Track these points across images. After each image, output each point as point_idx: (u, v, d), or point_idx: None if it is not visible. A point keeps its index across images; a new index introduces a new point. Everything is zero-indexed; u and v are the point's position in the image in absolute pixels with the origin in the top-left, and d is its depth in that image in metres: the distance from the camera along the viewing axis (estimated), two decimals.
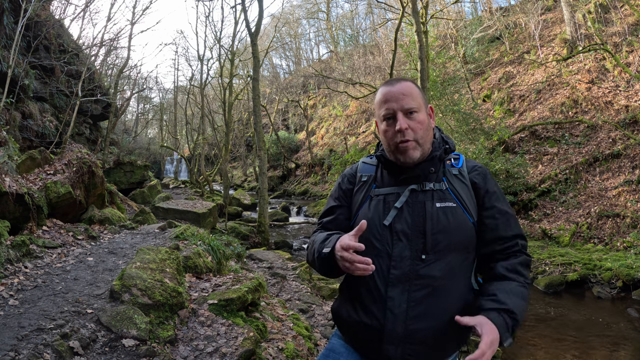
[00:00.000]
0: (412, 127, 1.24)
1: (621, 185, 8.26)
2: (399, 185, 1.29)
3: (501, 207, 1.28)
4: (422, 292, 1.19)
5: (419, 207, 1.24)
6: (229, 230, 9.91)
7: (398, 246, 1.22)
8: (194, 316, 3.01)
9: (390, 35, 23.12)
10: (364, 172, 1.40)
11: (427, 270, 1.19)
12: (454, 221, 1.22)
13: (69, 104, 11.00)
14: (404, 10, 11.18)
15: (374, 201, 1.30)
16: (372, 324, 1.22)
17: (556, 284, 6.33)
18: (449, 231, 1.21)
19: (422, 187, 1.26)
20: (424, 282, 1.19)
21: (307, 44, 41.82)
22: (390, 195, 1.29)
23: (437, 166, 1.29)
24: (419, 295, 1.18)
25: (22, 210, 4.30)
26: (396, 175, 1.31)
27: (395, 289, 1.19)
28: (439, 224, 1.21)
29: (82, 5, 14.76)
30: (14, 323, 2.41)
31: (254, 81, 10.83)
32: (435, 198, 1.24)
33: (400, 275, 1.20)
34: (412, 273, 1.20)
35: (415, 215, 1.23)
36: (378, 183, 1.34)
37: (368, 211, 1.29)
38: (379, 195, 1.31)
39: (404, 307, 1.18)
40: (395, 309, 1.19)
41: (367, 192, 1.35)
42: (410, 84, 1.29)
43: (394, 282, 1.20)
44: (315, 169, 22.12)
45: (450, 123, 11.61)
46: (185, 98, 28.28)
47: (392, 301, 1.19)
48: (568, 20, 13.40)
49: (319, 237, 1.32)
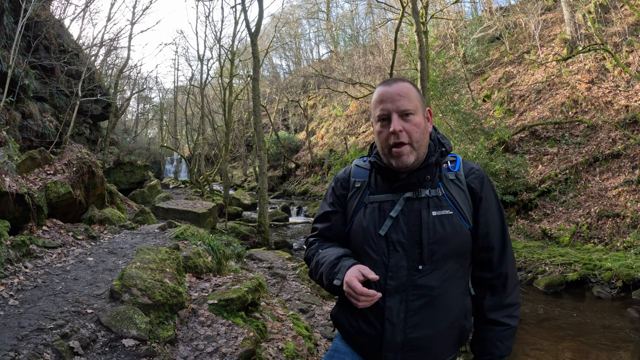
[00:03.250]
0: (407, 130, 1.20)
1: (621, 185, 8.26)
2: (393, 192, 1.26)
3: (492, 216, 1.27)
4: (419, 301, 1.18)
5: (414, 216, 1.21)
6: (229, 230, 9.91)
7: (394, 256, 1.20)
8: (194, 316, 3.01)
9: (390, 35, 23.13)
10: (358, 178, 1.35)
11: (424, 281, 1.18)
12: (450, 230, 1.20)
13: (69, 104, 11.00)
14: (404, 10, 11.18)
15: (369, 209, 1.27)
16: (371, 332, 1.23)
17: (556, 284, 6.33)
18: (446, 240, 1.19)
19: (417, 195, 1.23)
20: (421, 292, 1.18)
21: (307, 44, 41.87)
22: (385, 203, 1.25)
23: (433, 173, 1.25)
24: (417, 305, 1.18)
25: (22, 210, 4.29)
26: (391, 181, 1.27)
27: (393, 300, 1.19)
28: (436, 234, 1.18)
29: (82, 5, 14.77)
30: (14, 323, 2.41)
31: (254, 81, 10.83)
32: (431, 206, 1.22)
33: (397, 286, 1.19)
34: (409, 283, 1.18)
35: (411, 224, 1.21)
36: (372, 189, 1.31)
37: (363, 219, 1.27)
38: (373, 202, 1.27)
39: (402, 316, 1.18)
40: (393, 318, 1.18)
41: (361, 198, 1.31)
42: (408, 84, 1.25)
43: (391, 292, 1.19)
44: (315, 169, 22.13)
45: (450, 123, 11.61)
46: (185, 98, 28.27)
47: (390, 311, 1.19)
48: (568, 20, 13.40)
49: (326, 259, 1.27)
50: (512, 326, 1.26)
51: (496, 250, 1.26)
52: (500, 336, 1.25)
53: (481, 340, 1.28)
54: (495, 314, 1.26)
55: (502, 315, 1.26)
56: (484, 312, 1.28)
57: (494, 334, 1.26)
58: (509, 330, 1.25)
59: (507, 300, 1.26)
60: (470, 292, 1.30)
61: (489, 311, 1.27)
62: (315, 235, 1.43)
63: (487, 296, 1.28)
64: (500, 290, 1.27)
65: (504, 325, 1.25)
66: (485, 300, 1.28)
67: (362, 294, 1.10)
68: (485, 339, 1.27)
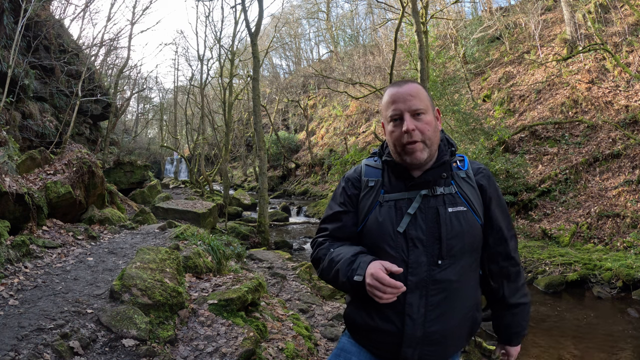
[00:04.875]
0: (420, 128, 1.23)
1: (621, 185, 8.26)
2: (408, 190, 1.28)
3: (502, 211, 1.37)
4: (439, 296, 1.22)
5: (432, 212, 1.25)
6: (229, 230, 9.91)
7: (414, 253, 1.22)
8: (194, 316, 3.01)
9: (390, 35, 23.13)
10: (371, 177, 1.36)
11: (443, 275, 1.22)
12: (466, 225, 1.25)
13: (69, 104, 11.00)
14: (404, 10, 11.18)
15: (384, 207, 1.28)
16: (390, 329, 1.24)
17: (556, 284, 6.33)
18: (462, 235, 1.24)
19: (433, 192, 1.26)
20: (440, 287, 1.22)
21: (307, 44, 41.90)
22: (401, 201, 1.28)
23: (448, 171, 1.30)
24: (436, 299, 1.22)
25: (22, 210, 4.29)
26: (406, 180, 1.30)
27: (414, 295, 1.21)
28: (453, 229, 1.23)
29: (82, 5, 14.77)
30: (14, 323, 2.41)
31: (254, 81, 10.83)
32: (447, 203, 1.26)
33: (418, 281, 1.21)
34: (429, 278, 1.22)
35: (429, 221, 1.24)
36: (386, 188, 1.32)
37: (379, 217, 1.28)
38: (389, 201, 1.29)
39: (422, 311, 1.21)
40: (414, 314, 1.21)
41: (375, 197, 1.32)
42: (418, 85, 1.29)
43: (411, 288, 1.21)
44: (315, 169, 22.13)
45: (450, 123, 11.62)
46: (185, 98, 28.27)
47: (411, 307, 1.21)
48: (568, 20, 13.40)
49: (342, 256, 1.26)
50: (529, 303, 1.41)
51: (509, 241, 1.36)
52: (523, 314, 1.40)
53: (506, 325, 1.42)
54: (514, 298, 1.38)
55: (519, 297, 1.39)
56: (504, 299, 1.38)
57: (518, 316, 1.40)
58: (527, 307, 1.41)
59: (520, 283, 1.39)
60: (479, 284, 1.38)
61: (509, 297, 1.38)
62: (324, 235, 1.42)
63: (505, 284, 1.38)
64: (515, 276, 1.38)
65: (524, 305, 1.40)
66: (505, 288, 1.38)
67: (390, 285, 1.11)
68: (511, 323, 1.41)
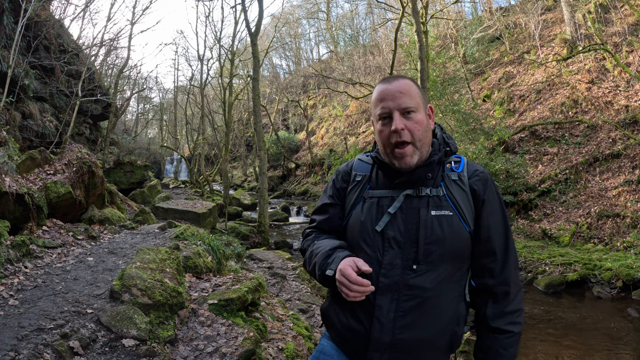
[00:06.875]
0: (409, 128, 1.16)
1: (621, 185, 8.26)
2: (393, 188, 1.23)
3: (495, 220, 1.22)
4: (411, 302, 1.15)
5: (413, 214, 1.18)
6: (229, 230, 9.91)
7: (389, 253, 1.17)
8: (194, 316, 3.01)
9: (390, 35, 23.13)
10: (359, 171, 1.33)
11: (417, 281, 1.14)
12: (449, 231, 1.16)
13: (69, 104, 11.00)
14: (404, 10, 11.18)
15: (367, 203, 1.25)
16: (359, 329, 1.20)
17: (556, 284, 6.33)
18: (443, 241, 1.15)
19: (417, 193, 1.20)
20: (413, 293, 1.15)
21: (307, 44, 41.91)
22: (384, 198, 1.23)
23: (434, 171, 1.22)
24: (408, 305, 1.15)
25: (22, 210, 4.29)
26: (391, 178, 1.24)
27: (384, 298, 1.16)
28: (433, 234, 1.15)
29: (82, 5, 14.77)
30: (14, 323, 2.41)
31: (254, 81, 10.83)
32: (431, 205, 1.18)
33: (390, 284, 1.16)
34: (402, 282, 1.15)
35: (409, 222, 1.17)
36: (372, 184, 1.28)
37: (360, 214, 1.24)
38: (372, 197, 1.25)
39: (391, 316, 1.15)
40: (382, 317, 1.15)
41: (360, 192, 1.29)
42: (409, 81, 1.22)
43: (382, 290, 1.16)
44: (315, 169, 22.13)
45: (450, 123, 11.62)
46: (185, 98, 28.27)
47: (380, 310, 1.16)
48: (568, 20, 13.40)
49: (321, 250, 1.25)
50: (515, 333, 1.21)
51: (498, 256, 1.22)
52: (504, 344, 1.20)
53: (485, 349, 1.24)
54: (497, 322, 1.21)
55: (505, 323, 1.21)
56: (486, 321, 1.23)
57: (497, 342, 1.21)
58: (512, 337, 1.21)
59: (510, 308, 1.22)
60: (466, 298, 1.25)
61: (491, 319, 1.22)
62: (312, 227, 1.41)
63: (489, 304, 1.23)
64: (502, 298, 1.22)
65: (508, 333, 1.20)
66: (487, 308, 1.23)
67: (356, 283, 1.08)
68: (489, 348, 1.23)
